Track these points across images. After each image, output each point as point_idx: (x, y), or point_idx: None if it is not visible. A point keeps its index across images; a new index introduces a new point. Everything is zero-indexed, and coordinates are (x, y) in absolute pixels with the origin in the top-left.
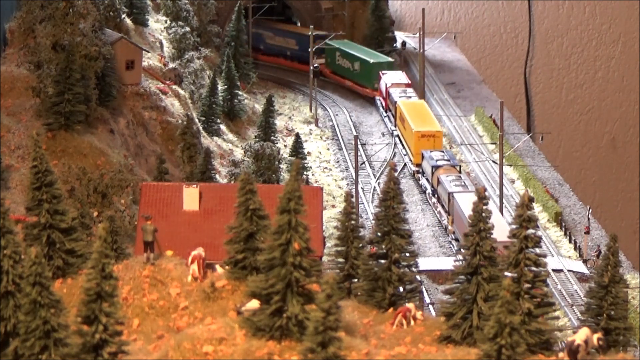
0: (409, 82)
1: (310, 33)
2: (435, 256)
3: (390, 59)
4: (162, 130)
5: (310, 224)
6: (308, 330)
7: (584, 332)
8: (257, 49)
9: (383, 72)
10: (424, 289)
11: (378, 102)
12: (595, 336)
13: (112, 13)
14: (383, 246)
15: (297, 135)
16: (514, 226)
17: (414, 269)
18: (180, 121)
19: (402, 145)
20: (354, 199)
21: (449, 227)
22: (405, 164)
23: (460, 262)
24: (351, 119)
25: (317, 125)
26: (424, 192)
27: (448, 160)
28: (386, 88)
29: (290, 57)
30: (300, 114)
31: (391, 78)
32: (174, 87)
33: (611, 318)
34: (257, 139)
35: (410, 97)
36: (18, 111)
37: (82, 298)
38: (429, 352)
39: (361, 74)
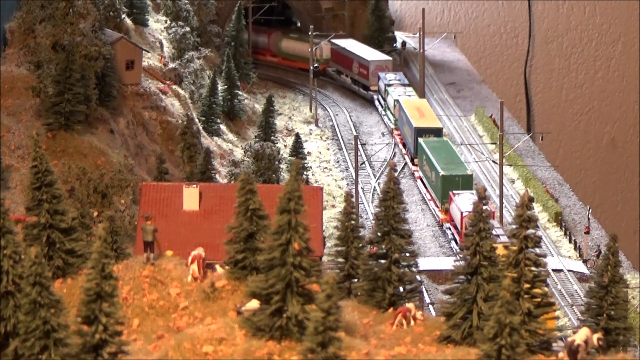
0: (492, 209)
1: (310, 34)
2: (435, 256)
3: (468, 172)
4: (162, 130)
5: (310, 224)
6: (308, 330)
7: (584, 332)
8: None
9: (455, 192)
10: (424, 289)
11: (448, 231)
12: (595, 336)
13: (112, 13)
14: (383, 246)
15: (297, 135)
16: (514, 226)
17: (414, 269)
18: (180, 121)
19: None
20: (354, 199)
21: None
22: (405, 164)
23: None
24: (351, 119)
25: (317, 125)
26: None
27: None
28: (461, 217)
29: None
30: (300, 114)
31: (467, 202)
32: (174, 87)
33: (611, 318)
34: (257, 139)
35: (499, 235)
36: (18, 111)
37: (82, 298)
38: (429, 352)
39: (434, 186)
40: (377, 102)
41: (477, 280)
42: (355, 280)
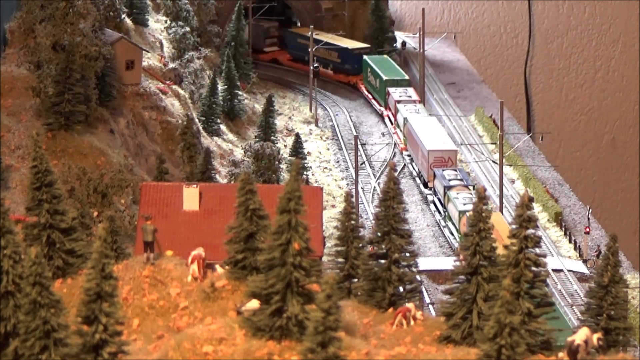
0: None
1: (310, 34)
2: (435, 256)
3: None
4: (162, 130)
5: (310, 224)
6: (308, 330)
7: (584, 332)
8: None
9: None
10: (424, 289)
11: None
12: (595, 336)
13: (112, 13)
14: (383, 246)
15: (297, 135)
16: (514, 226)
17: (414, 269)
18: (180, 121)
19: None
20: (354, 199)
21: None
22: (405, 164)
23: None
24: (351, 119)
25: (317, 125)
26: None
27: None
28: None
29: None
30: (300, 114)
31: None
32: (174, 87)
33: (611, 318)
34: (257, 139)
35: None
36: (18, 111)
37: (82, 298)
38: (429, 352)
39: None
40: (433, 206)
41: (477, 280)
42: (355, 280)
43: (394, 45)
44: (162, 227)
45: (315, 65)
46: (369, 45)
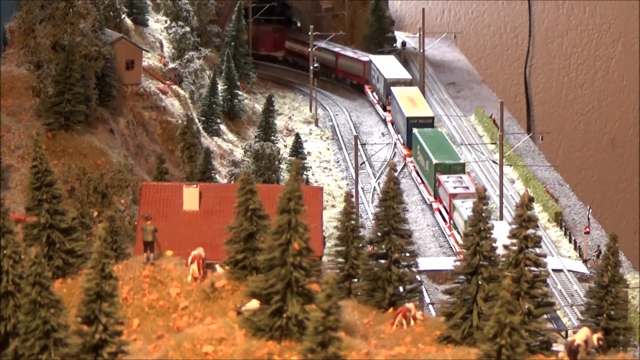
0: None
1: (310, 34)
2: (435, 256)
3: None
4: (162, 130)
5: (310, 224)
6: (308, 330)
7: (584, 332)
8: None
9: None
10: (424, 289)
11: None
12: (595, 336)
13: (112, 13)
14: (383, 246)
15: (297, 135)
16: (514, 226)
17: (414, 269)
18: (180, 121)
19: None
20: (354, 199)
21: None
22: (405, 164)
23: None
24: (351, 119)
25: (317, 125)
26: None
27: None
28: None
29: None
30: (300, 114)
31: None
32: (174, 87)
33: (611, 318)
34: (257, 139)
35: None
36: (18, 111)
37: (82, 298)
38: (429, 352)
39: None
40: None
41: (477, 280)
42: (355, 280)
43: (394, 45)
44: (162, 227)
45: (315, 65)
46: (430, 115)
